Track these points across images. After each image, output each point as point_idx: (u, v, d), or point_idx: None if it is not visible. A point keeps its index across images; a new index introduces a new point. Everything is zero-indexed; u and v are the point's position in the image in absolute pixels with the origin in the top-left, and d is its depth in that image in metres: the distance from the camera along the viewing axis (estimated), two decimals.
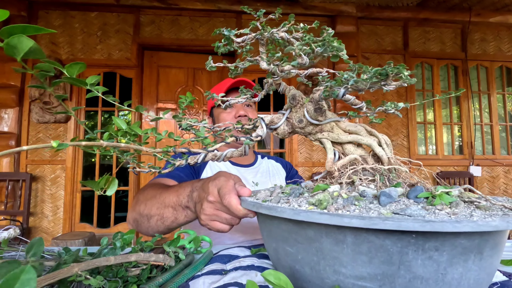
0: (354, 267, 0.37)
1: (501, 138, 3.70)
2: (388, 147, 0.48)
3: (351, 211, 0.38)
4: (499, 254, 0.39)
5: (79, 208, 3.05)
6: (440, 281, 0.35)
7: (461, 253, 0.34)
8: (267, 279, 0.34)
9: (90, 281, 0.35)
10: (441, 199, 0.37)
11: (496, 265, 0.39)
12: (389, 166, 0.47)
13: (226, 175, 0.62)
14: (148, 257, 0.44)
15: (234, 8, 3.24)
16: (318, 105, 0.49)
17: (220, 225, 0.61)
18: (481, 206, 0.38)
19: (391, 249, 0.35)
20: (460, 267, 0.35)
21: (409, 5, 3.43)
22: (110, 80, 3.20)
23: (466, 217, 0.34)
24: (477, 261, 0.35)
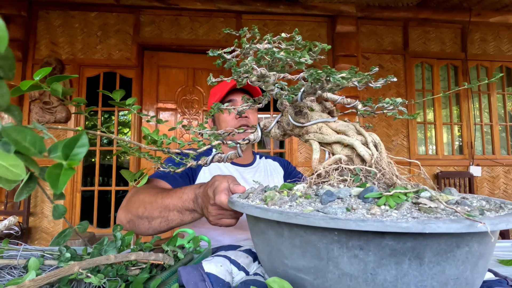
0: (293, 259, 0.39)
1: (501, 138, 3.70)
2: (378, 146, 0.48)
3: (285, 207, 0.40)
4: (468, 265, 0.35)
5: (79, 208, 3.05)
6: (370, 281, 0.35)
7: (391, 255, 0.34)
8: (271, 286, 0.34)
9: (91, 279, 0.35)
10: (387, 200, 0.37)
11: (465, 276, 0.35)
12: (362, 166, 0.46)
13: (220, 179, 0.69)
14: (148, 256, 0.44)
15: (234, 8, 3.24)
16: (297, 109, 0.50)
17: (227, 221, 0.70)
18: (422, 208, 0.36)
19: (318, 244, 0.36)
20: (392, 270, 0.34)
21: (409, 5, 3.43)
22: (110, 80, 3.20)
23: (396, 218, 0.33)
24: (415, 266, 0.34)
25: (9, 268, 0.46)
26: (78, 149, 0.30)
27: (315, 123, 0.52)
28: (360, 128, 0.51)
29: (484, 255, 0.36)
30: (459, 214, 0.34)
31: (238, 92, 1.17)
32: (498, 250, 0.77)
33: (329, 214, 0.36)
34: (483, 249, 0.36)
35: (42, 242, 2.96)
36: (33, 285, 0.29)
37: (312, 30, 3.45)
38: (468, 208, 0.38)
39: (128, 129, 7.58)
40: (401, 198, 0.38)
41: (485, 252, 0.36)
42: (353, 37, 3.35)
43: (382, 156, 0.47)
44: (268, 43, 0.50)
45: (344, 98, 0.52)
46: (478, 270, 0.36)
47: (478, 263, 0.36)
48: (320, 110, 0.57)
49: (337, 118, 0.54)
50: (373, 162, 0.46)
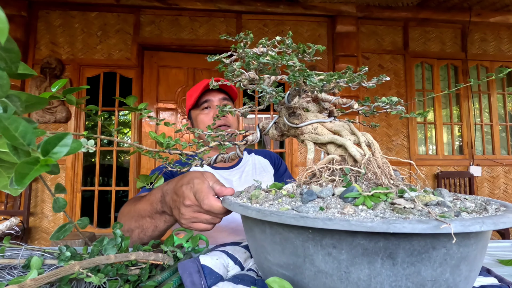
0: (275, 256, 0.41)
1: (501, 138, 3.70)
2: (371, 146, 0.48)
3: (266, 205, 0.42)
4: (447, 267, 0.34)
5: (79, 208, 3.05)
6: (344, 279, 0.35)
7: (363, 254, 0.34)
8: (271, 286, 0.34)
9: (91, 279, 0.35)
10: (364, 200, 0.38)
11: (444, 278, 0.34)
12: (349, 167, 0.46)
13: (199, 177, 0.61)
14: (148, 256, 0.44)
15: (234, 8, 3.24)
16: (290, 110, 0.51)
17: (202, 226, 0.61)
18: (396, 209, 0.36)
19: (295, 242, 0.38)
20: (365, 269, 0.34)
21: (409, 5, 3.43)
22: (110, 80, 3.20)
23: (363, 218, 0.34)
24: (388, 265, 0.34)
25: (9, 268, 0.46)
26: (60, 148, 0.30)
27: (309, 124, 0.52)
28: (354, 128, 0.51)
29: (467, 258, 0.35)
30: (431, 215, 0.33)
31: (214, 92, 1.15)
32: (498, 250, 0.77)
33: (301, 213, 0.36)
34: (466, 251, 0.35)
35: (42, 242, 2.96)
36: (34, 284, 0.30)
37: (312, 30, 3.45)
38: (446, 209, 0.37)
39: (128, 129, 7.59)
40: (381, 198, 0.38)
41: (468, 255, 0.35)
42: (353, 37, 3.35)
43: (376, 156, 0.46)
44: (263, 47, 0.51)
45: (339, 99, 0.52)
46: (460, 273, 0.35)
47: (460, 266, 0.35)
48: (318, 110, 0.57)
49: (334, 118, 0.54)
50: (363, 162, 0.45)
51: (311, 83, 0.42)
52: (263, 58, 0.45)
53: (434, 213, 0.34)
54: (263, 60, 0.44)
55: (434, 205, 0.37)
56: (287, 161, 3.38)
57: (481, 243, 0.37)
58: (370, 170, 0.44)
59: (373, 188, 0.41)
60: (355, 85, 0.48)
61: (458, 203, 0.41)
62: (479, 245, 0.36)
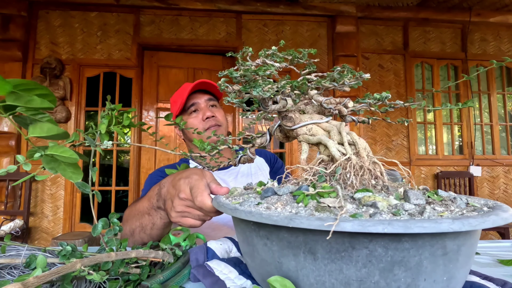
0: (241, 244, 0.46)
1: (501, 138, 3.70)
2: (356, 145, 0.48)
3: (231, 200, 0.47)
4: (374, 269, 0.33)
5: (79, 208, 3.05)
6: (279, 269, 0.38)
7: (288, 246, 0.37)
8: (273, 285, 0.34)
9: (93, 276, 0.36)
10: (302, 198, 0.39)
11: (374, 281, 0.34)
12: (320, 168, 0.47)
13: (199, 174, 0.61)
14: (148, 253, 0.45)
15: (234, 8, 3.24)
16: (282, 114, 0.54)
17: (192, 221, 0.61)
18: (319, 207, 0.37)
19: (246, 232, 0.42)
20: (292, 261, 0.37)
21: (409, 5, 3.43)
22: (110, 80, 3.20)
23: (278, 213, 0.37)
24: (310, 260, 0.35)
25: (9, 268, 0.46)
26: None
27: (303, 125, 0.53)
28: (342, 127, 0.51)
29: (405, 264, 0.33)
30: (340, 214, 0.34)
31: (199, 94, 1.14)
32: (498, 250, 0.77)
33: (240, 207, 0.41)
34: (399, 256, 0.33)
35: (42, 242, 2.96)
36: (37, 281, 0.30)
37: (312, 30, 3.45)
38: (373, 210, 0.36)
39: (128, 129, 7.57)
40: (325, 196, 0.39)
41: (405, 261, 0.33)
42: (353, 37, 3.36)
43: (361, 156, 0.46)
44: (265, 57, 0.52)
45: (331, 99, 0.53)
46: (397, 279, 0.34)
47: (394, 271, 0.33)
48: (316, 111, 0.57)
49: (330, 119, 0.55)
50: (340, 163, 0.45)
51: (258, 93, 0.45)
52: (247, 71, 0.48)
53: (348, 211, 0.35)
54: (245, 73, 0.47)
55: (368, 206, 0.37)
56: (287, 161, 3.38)
57: (435, 250, 0.33)
58: (350, 170, 0.44)
59: (317, 186, 0.43)
60: (341, 86, 0.50)
61: (428, 208, 0.37)
62: (425, 252, 0.33)
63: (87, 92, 3.17)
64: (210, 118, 1.12)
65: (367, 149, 0.48)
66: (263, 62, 0.52)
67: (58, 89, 2.98)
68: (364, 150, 0.47)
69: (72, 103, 3.08)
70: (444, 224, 0.31)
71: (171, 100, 1.21)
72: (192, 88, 1.11)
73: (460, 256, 0.36)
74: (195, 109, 1.14)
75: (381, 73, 3.53)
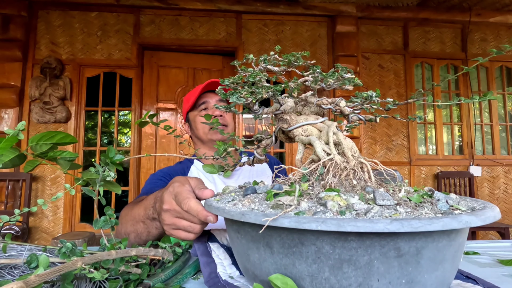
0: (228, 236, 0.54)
1: (501, 138, 3.70)
2: (341, 145, 0.48)
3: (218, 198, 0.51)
4: (324, 266, 0.34)
5: (79, 208, 3.05)
6: (248, 260, 0.42)
7: (252, 240, 0.40)
8: (274, 283, 0.34)
9: (94, 274, 0.36)
10: (270, 196, 0.41)
11: (324, 277, 0.34)
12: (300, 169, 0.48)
13: (180, 180, 0.60)
14: (148, 251, 0.45)
15: (234, 8, 3.24)
16: (278, 116, 0.55)
17: (182, 234, 0.58)
18: (274, 204, 0.39)
19: (227, 226, 0.47)
20: (255, 253, 0.40)
21: (409, 5, 3.43)
22: (110, 80, 3.20)
23: (238, 208, 0.40)
24: (268, 253, 0.38)
25: (9, 268, 0.46)
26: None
27: (297, 127, 0.54)
28: (331, 127, 0.51)
29: (352, 262, 0.34)
30: (284, 211, 0.35)
31: (210, 94, 1.18)
32: (498, 250, 0.77)
33: (214, 203, 0.46)
34: (347, 254, 0.33)
35: (42, 242, 2.96)
36: (39, 279, 0.30)
37: (312, 30, 3.45)
38: (322, 208, 0.36)
39: (128, 129, 7.59)
40: (282, 195, 0.41)
41: (352, 259, 0.33)
42: (353, 37, 3.36)
43: (347, 156, 0.46)
44: (265, 63, 0.54)
45: (323, 99, 0.53)
46: (347, 276, 0.34)
47: (343, 268, 0.34)
48: (314, 112, 0.57)
49: (326, 119, 0.55)
50: (321, 163, 0.46)
51: (234, 100, 0.49)
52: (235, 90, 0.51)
53: (298, 209, 0.37)
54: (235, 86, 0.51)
55: (322, 205, 0.38)
56: (287, 161, 3.38)
57: (386, 251, 0.33)
58: (330, 170, 0.44)
59: (292, 186, 0.44)
60: (328, 87, 0.51)
61: (376, 208, 0.37)
62: (375, 252, 0.33)
63: (87, 92, 3.17)
64: (218, 117, 1.15)
65: (353, 149, 0.48)
66: (265, 68, 0.53)
67: (58, 89, 2.98)
68: (349, 150, 0.47)
69: (72, 103, 3.08)
70: (380, 224, 0.31)
71: (185, 98, 1.25)
72: (205, 87, 1.14)
73: (422, 260, 0.34)
74: (205, 107, 1.18)
75: (381, 73, 3.53)
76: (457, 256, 0.39)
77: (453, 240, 0.36)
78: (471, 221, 0.33)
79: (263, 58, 0.53)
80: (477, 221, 0.33)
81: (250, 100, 0.49)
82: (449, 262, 0.37)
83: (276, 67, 0.54)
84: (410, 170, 3.46)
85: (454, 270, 0.40)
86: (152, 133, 3.27)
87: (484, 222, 0.34)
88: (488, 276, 0.56)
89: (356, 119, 0.54)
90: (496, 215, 0.36)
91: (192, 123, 1.21)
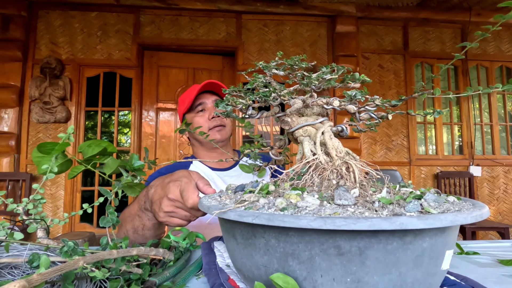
0: None
1: (501, 138, 3.70)
2: (326, 145, 0.49)
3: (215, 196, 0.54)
4: (273, 258, 0.37)
5: (79, 208, 3.05)
6: (227, 248, 0.46)
7: (225, 231, 0.45)
8: (276, 282, 0.34)
9: (95, 273, 0.36)
10: (245, 193, 0.44)
11: (274, 268, 0.37)
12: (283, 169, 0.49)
13: (187, 176, 0.63)
14: (149, 251, 0.45)
15: (234, 8, 3.24)
16: (281, 118, 0.57)
17: (178, 221, 0.64)
18: (238, 200, 0.43)
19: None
20: (230, 244, 0.44)
21: (409, 5, 3.44)
22: (110, 80, 3.20)
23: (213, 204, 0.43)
24: (235, 244, 0.42)
25: (10, 268, 0.46)
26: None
27: (298, 128, 0.55)
28: (322, 128, 0.51)
29: (295, 256, 0.35)
30: (239, 205, 0.40)
31: (207, 94, 1.17)
32: (498, 250, 0.77)
33: (203, 199, 0.49)
34: (289, 248, 0.35)
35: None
36: (41, 278, 0.30)
37: (312, 30, 3.45)
38: (266, 203, 0.40)
39: (128, 129, 7.59)
40: (246, 192, 0.45)
41: (295, 253, 0.35)
42: (353, 37, 3.36)
43: (331, 156, 0.47)
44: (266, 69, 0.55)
45: (317, 100, 0.54)
46: (293, 270, 0.35)
47: (288, 261, 0.36)
48: (317, 113, 0.58)
49: (326, 119, 0.56)
50: (305, 162, 0.47)
51: (221, 107, 0.52)
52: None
53: (256, 205, 0.40)
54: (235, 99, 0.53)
55: (271, 203, 0.41)
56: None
57: (326, 248, 0.34)
58: (311, 170, 0.45)
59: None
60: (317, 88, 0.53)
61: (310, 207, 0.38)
62: (315, 248, 0.34)
63: (87, 92, 3.17)
64: (216, 118, 1.14)
65: (339, 149, 0.48)
66: (273, 74, 0.55)
67: (58, 89, 2.98)
68: (333, 150, 0.47)
69: (72, 103, 3.08)
70: (303, 221, 0.32)
71: (180, 99, 1.24)
72: (201, 88, 1.13)
73: (368, 261, 0.34)
74: (202, 108, 1.17)
75: (381, 73, 3.53)
76: (424, 262, 0.36)
77: (409, 243, 0.34)
78: (408, 223, 0.31)
79: (265, 64, 0.54)
80: (419, 223, 0.32)
81: (240, 106, 0.51)
82: (408, 267, 0.35)
83: (282, 72, 0.55)
84: (410, 170, 3.46)
85: (426, 276, 0.36)
86: (152, 133, 3.27)
87: (427, 225, 0.32)
88: (488, 276, 0.56)
89: (367, 117, 0.54)
90: (454, 220, 0.33)
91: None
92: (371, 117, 0.55)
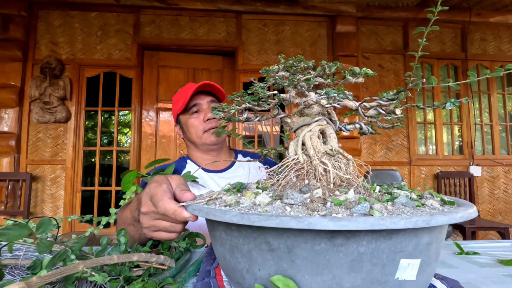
0: None
1: (501, 138, 3.70)
2: (306, 146, 0.49)
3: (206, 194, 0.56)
4: (225, 250, 0.41)
5: (79, 208, 3.05)
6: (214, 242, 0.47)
7: (211, 225, 0.45)
8: (276, 284, 0.35)
9: (95, 278, 0.36)
10: (228, 191, 0.47)
11: (227, 258, 0.41)
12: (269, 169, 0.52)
13: (157, 180, 0.56)
14: (150, 257, 0.45)
15: (234, 8, 3.24)
16: (282, 119, 0.58)
17: (164, 235, 0.55)
18: (208, 201, 0.45)
19: None
20: (216, 240, 0.45)
21: (409, 5, 3.44)
22: (110, 80, 3.20)
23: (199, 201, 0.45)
24: (219, 239, 0.42)
25: (10, 268, 0.46)
26: None
27: (297, 128, 0.55)
28: (309, 127, 0.52)
29: (238, 249, 0.38)
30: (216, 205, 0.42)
31: (201, 95, 1.15)
32: (498, 250, 0.77)
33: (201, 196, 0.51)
34: (233, 241, 0.38)
35: None
36: (41, 281, 0.30)
37: (312, 30, 3.45)
38: (222, 203, 0.42)
39: (128, 129, 7.58)
40: (234, 191, 0.47)
41: (237, 246, 0.38)
42: (353, 37, 3.36)
43: (310, 156, 0.47)
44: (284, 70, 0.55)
45: (309, 99, 0.54)
46: (238, 262, 0.39)
47: (235, 254, 0.39)
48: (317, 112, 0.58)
49: (322, 119, 0.56)
50: (283, 162, 0.48)
51: (213, 114, 0.55)
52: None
53: (224, 202, 0.42)
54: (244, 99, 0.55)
55: (237, 201, 0.43)
56: None
57: (258, 243, 0.36)
58: (289, 170, 0.46)
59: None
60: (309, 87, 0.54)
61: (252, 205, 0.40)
62: (250, 243, 0.37)
63: (87, 92, 3.17)
64: (211, 120, 1.13)
65: (317, 149, 0.48)
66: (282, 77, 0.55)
67: (58, 89, 2.98)
68: (311, 149, 0.48)
69: (72, 103, 3.08)
70: (227, 215, 0.35)
71: (174, 98, 1.21)
72: (196, 89, 1.11)
73: (298, 259, 0.34)
74: (197, 109, 1.15)
75: (381, 73, 3.53)
76: (364, 267, 0.33)
77: (340, 246, 0.33)
78: (316, 223, 0.31)
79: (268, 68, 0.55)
80: (329, 224, 0.31)
81: (232, 111, 0.52)
82: (343, 270, 0.34)
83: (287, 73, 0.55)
84: (410, 170, 3.46)
85: (370, 283, 0.34)
86: (152, 133, 3.27)
87: (338, 227, 0.31)
88: (488, 276, 0.56)
89: (374, 113, 0.54)
90: (375, 224, 0.31)
91: (184, 126, 1.18)
92: (379, 113, 0.55)
